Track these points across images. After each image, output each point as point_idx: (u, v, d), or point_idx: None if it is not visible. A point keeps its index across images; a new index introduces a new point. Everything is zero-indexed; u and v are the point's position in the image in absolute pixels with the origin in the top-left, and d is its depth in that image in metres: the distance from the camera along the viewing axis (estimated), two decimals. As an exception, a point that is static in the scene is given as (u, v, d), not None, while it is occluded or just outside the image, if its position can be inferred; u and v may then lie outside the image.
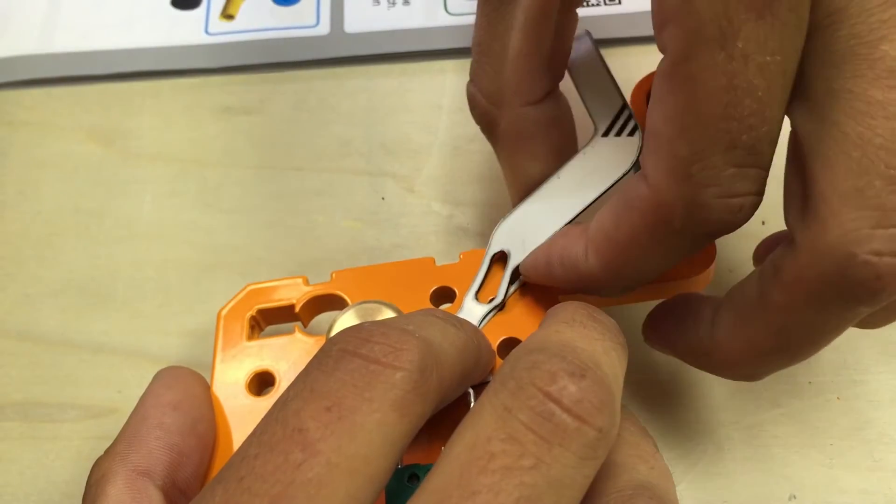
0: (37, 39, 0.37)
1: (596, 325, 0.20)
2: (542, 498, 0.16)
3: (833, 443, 0.27)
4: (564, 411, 0.17)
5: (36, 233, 0.33)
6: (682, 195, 0.19)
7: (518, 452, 0.16)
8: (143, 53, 0.37)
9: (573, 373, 0.17)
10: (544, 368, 0.17)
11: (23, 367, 0.30)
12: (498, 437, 0.16)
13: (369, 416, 0.17)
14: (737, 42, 0.17)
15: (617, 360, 0.19)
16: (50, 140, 0.35)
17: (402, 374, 0.18)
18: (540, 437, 0.16)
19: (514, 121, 0.25)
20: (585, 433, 0.17)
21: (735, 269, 0.30)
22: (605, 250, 0.22)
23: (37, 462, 0.28)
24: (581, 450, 0.17)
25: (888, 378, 0.28)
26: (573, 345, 0.18)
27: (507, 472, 0.16)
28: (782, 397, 0.28)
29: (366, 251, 0.32)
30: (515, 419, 0.17)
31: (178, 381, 0.23)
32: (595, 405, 0.17)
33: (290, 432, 0.17)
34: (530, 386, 0.17)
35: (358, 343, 0.18)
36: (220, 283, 0.30)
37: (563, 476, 0.16)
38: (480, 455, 0.16)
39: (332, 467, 0.16)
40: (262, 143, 0.34)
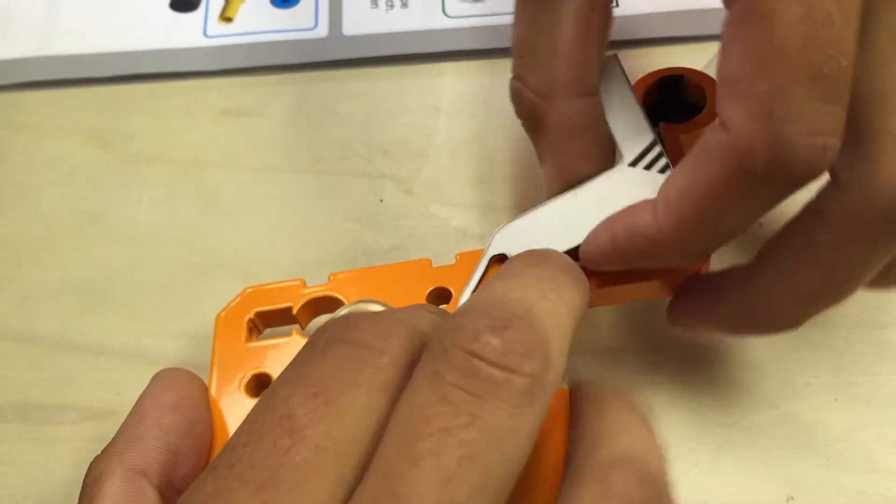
0: (35, 42, 0.37)
1: (531, 271, 0.20)
2: (484, 452, 0.16)
3: (831, 444, 0.27)
4: (491, 365, 0.17)
5: (34, 235, 0.33)
6: (764, 135, 0.19)
7: (452, 412, 0.16)
8: (141, 56, 0.37)
9: (495, 326, 0.17)
10: (468, 328, 0.17)
11: (21, 369, 0.30)
12: (431, 401, 0.17)
13: (357, 399, 0.17)
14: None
15: (558, 301, 0.19)
16: (48, 142, 0.35)
17: (389, 357, 0.18)
18: (470, 395, 0.16)
19: (567, 112, 0.25)
20: (515, 382, 0.17)
21: None
22: (679, 206, 0.21)
23: (36, 464, 0.28)
24: (514, 398, 0.17)
25: (886, 379, 0.28)
26: (501, 297, 0.18)
27: (446, 434, 0.16)
28: (780, 398, 0.28)
29: (365, 253, 0.32)
30: (445, 382, 0.17)
31: (176, 383, 0.23)
32: (522, 353, 0.17)
33: (279, 419, 0.17)
34: (454, 348, 0.17)
35: (346, 330, 0.18)
36: (219, 285, 0.30)
37: (501, 428, 0.16)
38: (417, 421, 0.16)
39: (319, 451, 0.16)
40: (260, 146, 0.35)
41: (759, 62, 0.19)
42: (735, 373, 0.29)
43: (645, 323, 0.30)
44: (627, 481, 0.17)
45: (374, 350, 0.18)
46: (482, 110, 0.34)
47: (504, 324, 0.17)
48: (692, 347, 0.29)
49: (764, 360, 0.29)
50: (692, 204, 0.21)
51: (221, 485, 0.17)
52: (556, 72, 0.25)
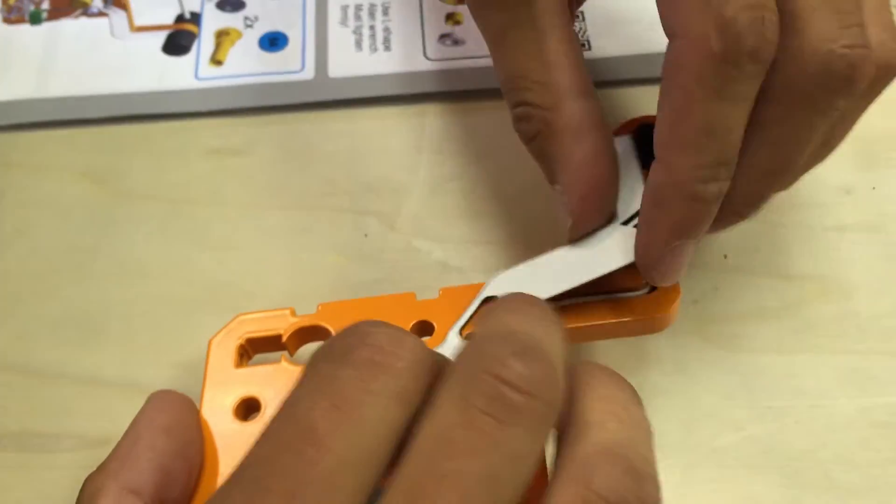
0: (33, 84, 0.38)
1: (534, 310, 0.21)
2: (501, 472, 0.17)
3: (791, 464, 0.29)
4: (514, 390, 0.18)
5: (32, 270, 0.34)
6: (710, 21, 0.22)
7: (477, 438, 0.17)
8: (135, 98, 0.38)
9: (517, 353, 0.18)
10: (491, 354, 0.18)
11: (19, 398, 0.31)
12: (458, 425, 0.18)
13: (374, 409, 0.18)
14: None
15: (558, 338, 0.20)
16: (45, 181, 0.36)
17: (404, 363, 0.19)
18: (496, 420, 0.17)
19: (576, 113, 0.26)
20: (535, 407, 0.18)
21: (699, 301, 0.32)
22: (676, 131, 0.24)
23: (34, 490, 0.29)
24: (532, 423, 0.18)
25: (844, 403, 0.30)
26: (515, 329, 0.19)
27: (471, 457, 0.17)
28: (745, 422, 0.29)
29: (350, 285, 0.33)
30: (472, 406, 0.18)
31: (171, 406, 0.24)
32: (541, 379, 0.18)
33: (302, 431, 0.18)
34: (482, 372, 0.18)
35: (362, 336, 0.19)
36: (210, 317, 0.31)
37: (518, 449, 0.18)
38: (444, 443, 0.17)
39: (341, 462, 0.17)
40: (249, 183, 0.36)
41: None
42: (701, 397, 0.30)
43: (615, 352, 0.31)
44: (611, 476, 0.18)
45: (390, 355, 0.19)
46: (462, 149, 0.35)
47: (524, 351, 0.18)
48: (661, 374, 0.30)
49: (729, 386, 0.30)
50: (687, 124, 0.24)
51: (249, 495, 0.17)
52: (555, 80, 0.26)
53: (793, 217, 0.34)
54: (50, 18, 0.40)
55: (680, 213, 0.25)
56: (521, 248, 0.33)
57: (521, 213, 0.34)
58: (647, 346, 0.31)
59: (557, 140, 0.27)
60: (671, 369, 0.31)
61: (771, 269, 0.33)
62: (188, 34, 0.40)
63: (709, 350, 0.31)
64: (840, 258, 0.33)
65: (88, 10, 0.40)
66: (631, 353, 0.31)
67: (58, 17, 0.40)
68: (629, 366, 0.31)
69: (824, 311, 0.32)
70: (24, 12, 0.40)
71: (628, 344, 0.31)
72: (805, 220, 0.34)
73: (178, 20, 0.40)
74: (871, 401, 0.30)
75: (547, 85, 0.26)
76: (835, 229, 0.33)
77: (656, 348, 0.31)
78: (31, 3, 0.41)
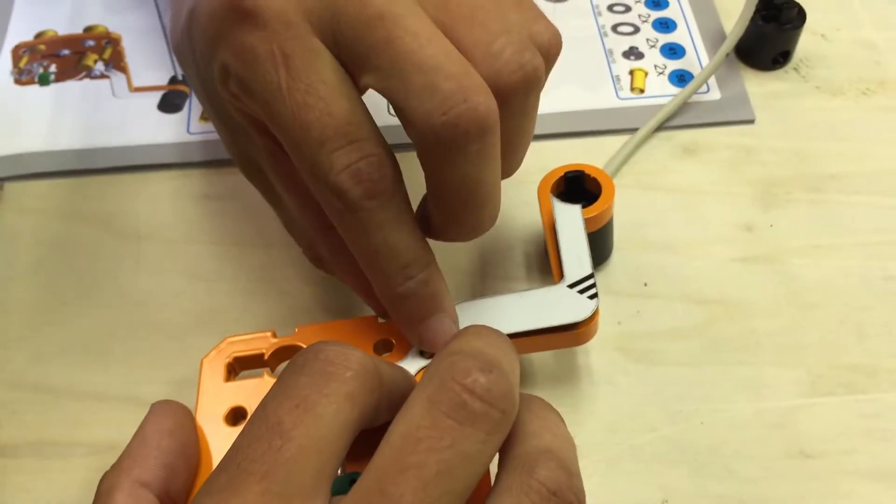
0: (43, 138, 0.42)
1: (495, 337, 0.24)
2: (455, 468, 0.20)
3: (697, 458, 0.32)
4: (476, 399, 0.21)
5: (45, 301, 0.37)
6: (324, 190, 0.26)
7: (438, 436, 0.20)
8: (134, 150, 0.41)
9: (482, 368, 0.21)
10: (460, 366, 0.21)
11: (36, 412, 0.34)
12: (424, 425, 0.21)
13: (328, 407, 0.21)
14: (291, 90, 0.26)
15: (515, 361, 0.24)
16: (56, 223, 0.39)
17: (351, 372, 0.22)
18: (456, 422, 0.21)
19: None
20: (492, 415, 0.21)
21: (622, 322, 0.36)
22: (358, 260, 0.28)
23: (49, 491, 0.32)
24: (488, 428, 0.21)
25: (742, 406, 0.34)
26: (481, 349, 0.23)
27: (431, 452, 0.20)
28: (658, 423, 0.33)
29: (325, 312, 0.36)
30: (438, 409, 0.21)
31: (172, 413, 0.28)
32: (500, 392, 0.21)
33: (271, 426, 0.21)
34: (450, 381, 0.21)
35: (316, 353, 0.23)
36: (203, 340, 0.33)
37: (473, 450, 0.21)
38: (410, 440, 0.21)
39: (302, 448, 0.21)
40: (236, 224, 0.39)
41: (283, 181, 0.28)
42: (623, 403, 0.34)
43: (553, 367, 0.35)
44: (549, 468, 0.22)
45: (339, 365, 0.22)
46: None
47: (488, 367, 0.22)
48: (590, 384, 0.34)
49: (646, 393, 0.34)
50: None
51: (232, 476, 0.21)
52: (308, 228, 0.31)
53: (703, 250, 0.38)
54: (57, 80, 0.44)
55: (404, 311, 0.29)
56: (475, 277, 0.37)
57: (473, 246, 0.38)
58: (579, 361, 0.35)
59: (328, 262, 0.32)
60: (598, 380, 0.35)
61: (684, 295, 0.37)
62: (181, 94, 0.43)
63: (630, 364, 0.35)
64: (742, 285, 0.37)
65: (92, 72, 0.44)
66: (566, 367, 0.35)
67: (64, 79, 0.44)
68: (564, 377, 0.35)
69: (728, 329, 0.36)
70: (33, 75, 0.44)
71: (564, 360, 0.35)
72: (713, 253, 0.38)
73: (172, 81, 0.44)
74: (766, 405, 0.34)
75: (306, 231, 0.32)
76: (738, 260, 0.38)
77: (586, 363, 0.35)
78: (41, 67, 0.45)
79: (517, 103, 0.27)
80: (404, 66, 0.25)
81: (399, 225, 0.27)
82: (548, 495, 0.22)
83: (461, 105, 0.25)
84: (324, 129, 0.25)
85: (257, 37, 0.26)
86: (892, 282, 0.37)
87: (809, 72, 0.44)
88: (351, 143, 0.26)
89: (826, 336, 0.35)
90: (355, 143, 0.26)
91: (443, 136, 0.25)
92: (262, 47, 0.26)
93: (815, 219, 0.39)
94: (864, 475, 0.32)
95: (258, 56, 0.26)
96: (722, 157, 0.41)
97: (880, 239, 0.38)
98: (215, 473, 0.22)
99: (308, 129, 0.25)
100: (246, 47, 0.26)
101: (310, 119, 0.25)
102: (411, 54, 0.25)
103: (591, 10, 0.47)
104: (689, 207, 0.39)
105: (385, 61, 0.25)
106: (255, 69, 0.26)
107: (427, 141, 0.26)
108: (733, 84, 0.43)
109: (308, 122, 0.25)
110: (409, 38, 0.25)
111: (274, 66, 0.26)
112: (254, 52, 0.26)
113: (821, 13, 0.46)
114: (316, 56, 0.26)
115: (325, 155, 0.25)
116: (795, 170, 0.40)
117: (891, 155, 0.41)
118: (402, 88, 0.25)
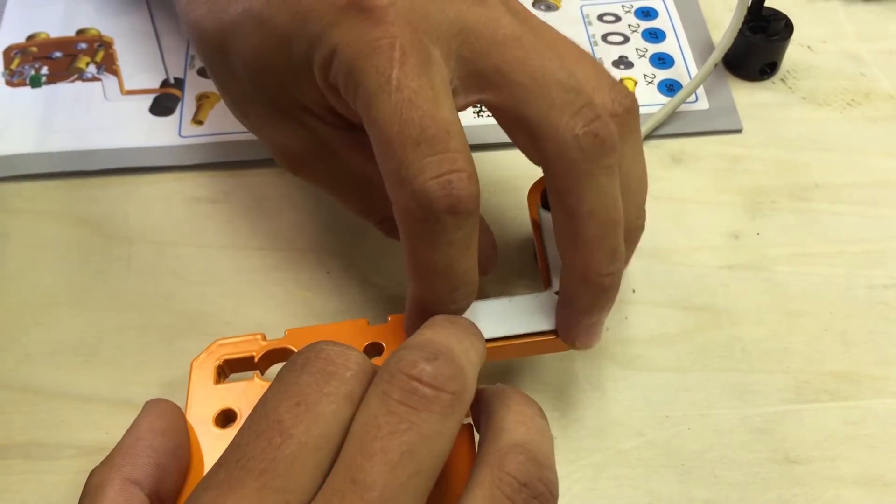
0: (34, 140, 0.42)
1: (449, 325, 0.25)
2: (418, 448, 0.21)
3: (684, 463, 0.33)
4: (425, 385, 0.22)
5: (34, 303, 0.37)
6: (408, 193, 0.25)
7: (396, 421, 0.21)
8: (125, 153, 0.41)
9: (427, 357, 0.23)
10: (407, 359, 0.22)
11: (25, 414, 0.34)
12: (381, 413, 0.22)
13: (328, 406, 0.22)
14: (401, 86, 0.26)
15: (470, 346, 0.25)
16: (45, 225, 0.39)
17: (351, 372, 0.23)
18: (410, 407, 0.22)
19: None
20: (442, 397, 0.22)
21: (611, 328, 0.36)
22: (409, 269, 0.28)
23: (37, 492, 0.32)
24: (441, 409, 0.22)
25: (728, 413, 0.34)
26: (429, 339, 0.24)
27: (392, 436, 0.21)
28: (645, 428, 0.34)
29: (315, 316, 0.36)
30: (391, 398, 0.22)
31: (167, 413, 0.28)
32: (447, 376, 0.22)
33: (271, 423, 0.22)
34: (398, 373, 0.22)
35: (317, 352, 0.23)
36: (192, 343, 0.34)
37: (431, 431, 0.22)
38: (371, 428, 0.21)
39: (302, 445, 0.21)
40: (226, 228, 0.39)
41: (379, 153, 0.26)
42: (610, 408, 0.34)
43: (542, 373, 0.35)
44: (519, 461, 0.23)
45: (340, 365, 0.23)
46: None
47: (434, 356, 0.23)
48: (578, 390, 0.35)
49: (633, 399, 0.34)
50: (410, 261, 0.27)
51: (231, 472, 0.21)
52: None
53: (690, 258, 0.39)
54: (49, 82, 0.44)
55: None
56: None
57: None
58: (567, 367, 0.35)
59: None
60: (586, 386, 0.35)
61: (671, 302, 0.37)
62: (172, 97, 0.44)
63: (617, 369, 0.35)
64: (728, 292, 0.37)
65: (83, 75, 0.45)
66: (554, 372, 0.35)
67: (56, 81, 0.44)
68: (552, 383, 0.35)
69: (714, 336, 0.36)
70: (25, 76, 0.45)
71: (552, 365, 0.35)
72: (700, 260, 0.38)
73: (164, 85, 0.44)
74: (751, 411, 0.34)
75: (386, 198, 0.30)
76: (725, 268, 0.38)
77: (574, 369, 0.35)
78: (32, 69, 0.45)
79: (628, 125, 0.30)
80: (546, 81, 0.27)
81: (465, 248, 0.27)
82: (518, 487, 0.22)
83: (599, 119, 0.27)
84: (423, 131, 0.25)
85: (380, 30, 0.26)
86: (876, 290, 0.37)
87: (796, 83, 0.45)
88: (445, 153, 0.26)
89: (811, 343, 0.36)
90: (449, 155, 0.26)
91: (584, 146, 0.27)
92: (384, 40, 0.26)
93: (800, 227, 0.39)
94: (849, 481, 0.33)
95: (377, 46, 0.26)
96: (709, 166, 0.42)
97: (865, 248, 0.39)
98: (214, 469, 0.22)
99: (407, 127, 0.25)
100: (367, 36, 0.27)
101: (412, 117, 0.25)
102: (552, 73, 0.27)
103: (581, 19, 0.47)
104: (676, 215, 0.40)
105: (525, 77, 0.27)
106: (369, 58, 0.26)
107: (569, 152, 0.27)
108: (721, 94, 0.44)
109: (409, 120, 0.25)
110: (548, 60, 0.28)
111: (390, 60, 0.26)
112: (374, 42, 0.26)
113: (807, 25, 0.47)
114: (431, 63, 0.27)
115: (419, 157, 0.25)
116: (782, 179, 0.41)
117: (875, 165, 0.42)
118: (543, 103, 0.27)
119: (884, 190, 0.41)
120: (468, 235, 0.27)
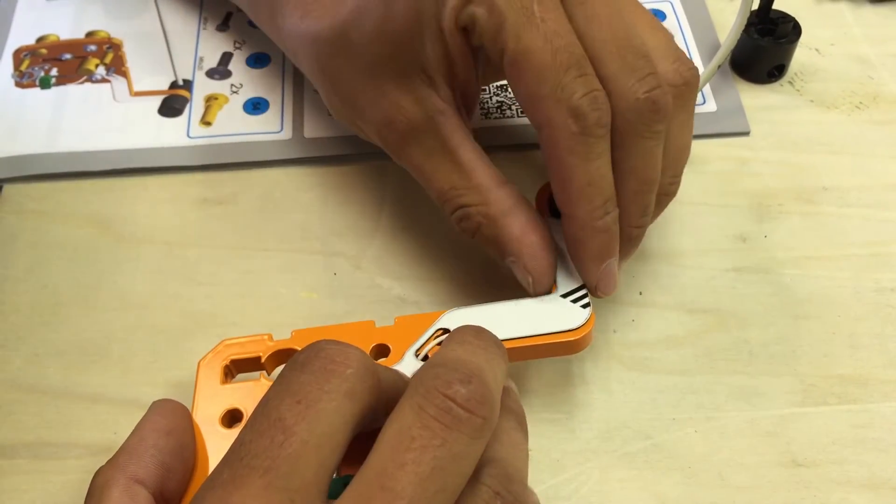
0: (43, 141, 0.42)
1: (479, 342, 0.26)
2: (447, 465, 0.22)
3: (691, 466, 0.33)
4: (459, 406, 0.22)
5: (43, 303, 0.37)
6: (562, 112, 0.29)
7: (430, 436, 0.22)
8: (134, 153, 0.41)
9: (462, 379, 0.23)
10: (443, 378, 0.23)
11: (33, 414, 0.34)
12: (416, 426, 0.22)
13: (329, 403, 0.22)
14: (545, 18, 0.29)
15: (497, 366, 0.25)
16: (54, 225, 0.40)
17: (352, 370, 0.23)
18: (444, 425, 0.22)
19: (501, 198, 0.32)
20: (474, 420, 0.23)
21: (618, 330, 0.36)
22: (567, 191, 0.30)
23: (45, 492, 0.32)
24: (472, 432, 0.22)
25: (735, 415, 0.34)
26: (463, 359, 0.24)
27: (424, 449, 0.22)
28: (652, 431, 0.34)
29: (321, 317, 0.37)
30: (427, 413, 0.22)
31: (171, 412, 0.28)
32: (478, 401, 0.23)
33: (273, 421, 0.22)
34: (434, 390, 0.23)
35: (317, 351, 0.24)
36: (200, 343, 0.34)
37: (460, 451, 0.22)
38: (405, 438, 0.22)
39: (304, 443, 0.22)
40: (234, 229, 0.39)
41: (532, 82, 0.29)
42: (617, 411, 0.34)
43: (549, 375, 0.35)
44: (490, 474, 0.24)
45: (340, 363, 0.23)
46: (418, 200, 0.39)
47: (468, 379, 0.23)
48: (585, 392, 0.35)
49: (640, 401, 0.34)
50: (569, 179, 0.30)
51: (235, 471, 0.21)
52: (477, 182, 0.32)
53: (697, 260, 0.39)
54: (58, 84, 0.44)
55: (595, 244, 0.31)
56: (469, 285, 0.38)
57: (468, 254, 0.38)
58: (574, 369, 0.35)
59: (496, 225, 0.32)
60: (594, 388, 0.35)
61: (678, 304, 0.37)
62: (181, 98, 0.44)
63: (625, 372, 0.35)
64: (736, 295, 0.37)
65: (93, 76, 0.45)
66: (561, 374, 0.35)
67: (65, 83, 0.44)
68: (559, 385, 0.35)
69: (721, 339, 0.36)
70: (34, 78, 0.45)
71: (559, 367, 0.35)
72: (707, 263, 0.38)
73: (173, 86, 0.44)
74: (758, 413, 0.34)
75: (472, 188, 0.32)
76: (732, 270, 0.38)
77: (581, 371, 0.35)
78: (42, 70, 0.45)
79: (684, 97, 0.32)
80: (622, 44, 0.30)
81: (609, 161, 0.30)
82: (492, 497, 0.23)
83: (660, 88, 0.30)
84: (571, 56, 0.29)
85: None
86: (883, 293, 0.37)
87: (804, 85, 0.45)
88: (586, 75, 0.29)
89: (818, 346, 0.36)
90: (589, 77, 0.29)
91: (642, 109, 0.29)
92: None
93: (808, 230, 0.39)
94: (856, 485, 0.32)
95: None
96: (717, 169, 0.42)
97: (872, 251, 0.39)
98: (218, 468, 0.22)
99: (558, 54, 0.28)
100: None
101: (560, 45, 0.28)
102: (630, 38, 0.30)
103: (588, 21, 0.47)
104: (683, 217, 0.40)
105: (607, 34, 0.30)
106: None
107: (626, 112, 0.29)
108: (729, 96, 0.44)
109: (558, 48, 0.28)
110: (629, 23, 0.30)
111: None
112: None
113: (815, 28, 0.47)
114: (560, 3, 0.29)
115: (571, 79, 0.28)
116: (789, 182, 0.41)
117: (883, 168, 0.42)
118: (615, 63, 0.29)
119: (891, 193, 0.41)
120: (608, 150, 0.30)
